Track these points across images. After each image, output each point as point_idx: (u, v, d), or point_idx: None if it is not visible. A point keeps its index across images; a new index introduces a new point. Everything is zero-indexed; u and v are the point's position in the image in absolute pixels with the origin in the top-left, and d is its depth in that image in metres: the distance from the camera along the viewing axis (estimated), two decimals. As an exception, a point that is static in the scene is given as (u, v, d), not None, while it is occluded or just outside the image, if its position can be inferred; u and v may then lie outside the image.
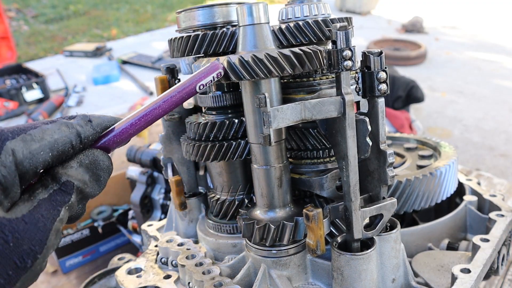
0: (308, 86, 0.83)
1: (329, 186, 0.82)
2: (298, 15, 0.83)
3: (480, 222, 1.09)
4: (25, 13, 9.39)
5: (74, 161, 0.60)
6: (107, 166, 0.64)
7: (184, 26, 0.90)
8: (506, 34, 7.44)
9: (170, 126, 1.03)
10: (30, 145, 0.56)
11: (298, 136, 0.87)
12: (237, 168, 0.95)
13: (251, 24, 0.74)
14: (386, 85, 0.72)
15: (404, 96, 3.67)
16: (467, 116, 4.49)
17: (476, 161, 3.68)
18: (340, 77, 0.71)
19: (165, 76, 0.98)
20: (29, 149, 0.56)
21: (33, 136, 0.57)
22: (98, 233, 1.89)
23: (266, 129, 0.68)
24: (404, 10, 9.08)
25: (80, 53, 6.61)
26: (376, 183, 0.79)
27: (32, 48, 7.56)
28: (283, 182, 0.82)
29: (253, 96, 0.76)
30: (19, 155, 0.55)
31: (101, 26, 8.77)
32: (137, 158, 1.74)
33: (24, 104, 4.70)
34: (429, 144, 1.29)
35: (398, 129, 3.35)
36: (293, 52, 0.71)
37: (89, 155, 0.62)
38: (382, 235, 0.80)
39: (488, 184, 1.88)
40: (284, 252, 0.82)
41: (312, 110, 0.71)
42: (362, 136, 0.74)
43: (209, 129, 0.88)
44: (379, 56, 0.71)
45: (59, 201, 0.58)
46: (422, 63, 6.09)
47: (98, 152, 0.63)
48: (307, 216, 0.73)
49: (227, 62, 0.71)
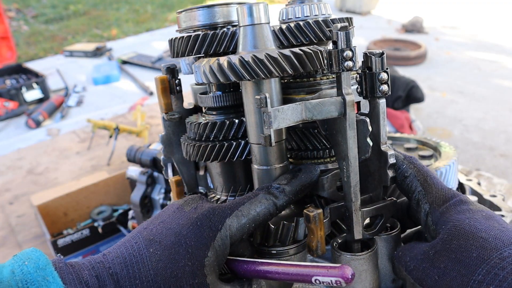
0: (309, 86, 0.83)
1: (329, 187, 0.82)
2: (299, 15, 0.83)
3: (480, 222, 1.09)
4: (25, 13, 9.39)
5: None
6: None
7: (184, 26, 0.90)
8: (506, 34, 7.44)
9: (170, 126, 1.03)
10: (241, 220, 0.70)
11: (298, 136, 0.87)
12: (237, 168, 0.95)
13: (251, 24, 0.74)
14: (387, 86, 0.72)
15: (404, 96, 3.67)
16: (467, 116, 4.49)
17: (476, 161, 3.68)
18: (341, 77, 0.71)
19: (165, 76, 0.98)
20: (240, 223, 0.70)
21: (242, 212, 0.71)
22: (98, 233, 1.89)
23: (267, 129, 0.68)
24: (404, 10, 9.08)
25: (80, 53, 6.60)
26: (377, 184, 0.79)
27: (32, 48, 7.56)
28: (283, 183, 0.82)
29: (253, 97, 0.76)
30: (233, 229, 0.70)
31: (101, 26, 8.77)
32: (137, 158, 1.74)
33: (24, 104, 4.70)
34: (429, 144, 1.29)
35: (398, 129, 3.36)
36: (294, 53, 0.71)
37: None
38: (382, 236, 0.80)
39: (488, 184, 1.88)
40: (284, 252, 0.82)
41: (313, 110, 0.71)
42: (363, 136, 0.74)
43: (209, 129, 0.88)
44: (380, 57, 0.71)
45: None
46: (422, 63, 6.09)
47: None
48: (307, 217, 0.73)
49: (227, 62, 0.71)
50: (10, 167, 2.49)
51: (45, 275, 0.59)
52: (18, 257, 0.62)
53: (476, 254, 0.61)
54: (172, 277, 0.64)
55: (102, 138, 2.62)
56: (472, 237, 0.62)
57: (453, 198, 0.72)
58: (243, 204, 0.72)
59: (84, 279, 0.61)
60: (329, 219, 0.77)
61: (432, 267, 0.65)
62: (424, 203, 0.74)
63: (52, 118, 4.51)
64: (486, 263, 0.59)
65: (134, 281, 0.62)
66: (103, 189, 2.06)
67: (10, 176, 2.39)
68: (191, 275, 0.65)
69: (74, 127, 3.14)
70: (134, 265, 0.64)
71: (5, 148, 3.32)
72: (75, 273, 0.62)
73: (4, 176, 2.40)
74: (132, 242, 0.68)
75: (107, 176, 2.07)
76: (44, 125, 4.31)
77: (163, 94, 0.98)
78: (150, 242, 0.67)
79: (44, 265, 0.60)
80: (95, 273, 0.62)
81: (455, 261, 0.62)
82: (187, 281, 0.65)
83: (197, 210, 0.72)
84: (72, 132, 2.84)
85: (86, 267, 0.63)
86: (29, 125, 4.29)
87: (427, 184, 0.75)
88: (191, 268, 0.65)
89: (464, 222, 0.65)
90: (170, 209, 0.74)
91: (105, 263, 0.64)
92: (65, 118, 4.53)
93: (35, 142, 3.11)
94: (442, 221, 0.69)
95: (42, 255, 0.62)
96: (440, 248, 0.65)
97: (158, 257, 0.65)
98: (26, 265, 0.60)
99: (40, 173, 2.40)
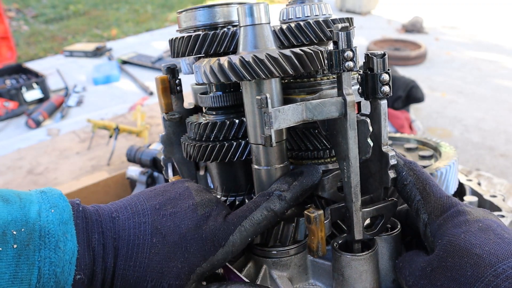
0: (309, 87, 0.83)
1: (330, 188, 0.82)
2: (299, 15, 0.83)
3: (480, 223, 1.09)
4: (25, 13, 9.39)
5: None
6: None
7: (185, 26, 0.90)
8: (506, 34, 7.44)
9: (171, 126, 1.03)
10: (242, 235, 0.73)
11: (298, 136, 0.87)
12: (238, 169, 0.95)
13: (252, 25, 0.73)
14: (389, 87, 0.72)
15: (404, 96, 3.67)
16: (467, 116, 4.49)
17: (476, 161, 3.68)
18: (342, 78, 0.71)
19: (166, 76, 0.98)
20: (242, 238, 0.73)
21: (245, 227, 0.73)
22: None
23: (267, 130, 0.68)
24: (404, 10, 9.07)
25: (80, 53, 6.60)
26: (378, 185, 0.79)
27: (32, 48, 7.56)
28: (284, 183, 0.81)
29: (254, 97, 0.76)
30: (236, 245, 0.73)
31: (101, 26, 8.76)
32: (137, 158, 1.74)
33: (24, 104, 4.69)
34: (430, 145, 1.28)
35: (398, 129, 3.36)
36: (294, 53, 0.71)
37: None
38: (383, 236, 0.80)
39: (488, 184, 1.87)
40: (285, 253, 0.82)
41: (313, 111, 0.71)
42: (363, 137, 0.73)
43: (209, 130, 0.88)
44: (382, 58, 0.71)
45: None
46: (422, 63, 6.09)
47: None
48: (308, 218, 0.73)
49: (228, 62, 0.70)
50: (10, 167, 2.49)
51: (65, 231, 0.63)
52: (46, 198, 0.66)
53: (470, 272, 0.61)
54: (159, 273, 0.67)
55: (102, 138, 2.61)
56: (466, 254, 0.63)
57: (450, 209, 0.72)
58: (245, 218, 0.74)
59: (92, 244, 0.66)
60: (330, 220, 0.77)
61: (430, 284, 0.66)
62: (423, 212, 0.74)
63: (52, 118, 4.51)
64: (481, 281, 0.60)
65: (129, 262, 0.67)
66: (103, 189, 2.06)
67: (10, 176, 2.39)
68: (175, 276, 0.68)
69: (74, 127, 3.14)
70: (134, 248, 0.67)
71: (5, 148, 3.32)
72: (87, 234, 0.66)
73: (4, 176, 2.40)
74: (141, 219, 0.70)
75: (107, 176, 2.06)
76: (44, 125, 4.30)
77: (163, 94, 0.98)
78: (156, 231, 0.69)
79: (67, 219, 0.64)
80: (102, 241, 0.67)
81: (451, 279, 0.63)
82: (168, 280, 0.67)
83: (208, 220, 0.73)
84: (72, 132, 2.84)
85: (97, 229, 0.68)
86: (29, 125, 4.29)
87: (426, 193, 0.75)
88: (179, 270, 0.68)
89: (460, 237, 0.66)
90: (186, 202, 0.75)
91: (112, 232, 0.68)
92: (65, 118, 4.53)
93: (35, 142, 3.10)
94: (439, 234, 0.70)
95: (67, 206, 0.67)
96: (437, 266, 0.66)
97: (157, 250, 0.68)
98: (52, 213, 0.64)
99: (40, 173, 2.39)
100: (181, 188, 0.78)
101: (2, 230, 0.59)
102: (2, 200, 0.63)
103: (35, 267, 0.60)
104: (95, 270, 0.66)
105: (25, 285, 0.59)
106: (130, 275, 0.67)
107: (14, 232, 0.59)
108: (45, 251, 0.61)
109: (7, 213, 0.61)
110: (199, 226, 0.71)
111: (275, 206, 0.75)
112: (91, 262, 0.65)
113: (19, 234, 0.59)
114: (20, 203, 0.64)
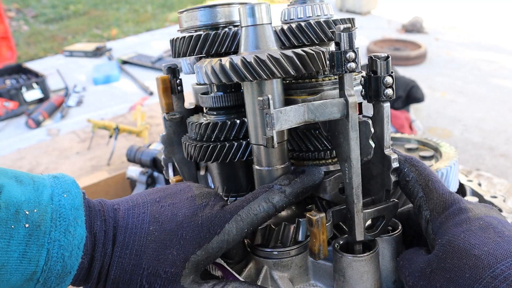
0: (311, 87, 0.83)
1: (332, 189, 0.82)
2: (301, 16, 0.83)
3: (481, 223, 1.09)
4: (25, 13, 9.39)
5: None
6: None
7: (186, 26, 0.89)
8: (506, 34, 7.44)
9: (171, 126, 1.03)
10: (239, 225, 0.72)
11: (299, 137, 0.87)
12: (238, 169, 0.94)
13: (253, 25, 0.73)
14: (392, 90, 0.71)
15: (404, 96, 3.67)
16: (467, 116, 4.49)
17: (476, 161, 3.68)
18: (344, 79, 0.71)
19: (166, 76, 0.98)
20: (238, 228, 0.72)
21: (242, 217, 0.72)
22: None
23: (269, 131, 0.68)
24: (404, 10, 9.08)
25: (80, 53, 6.59)
26: (380, 187, 0.79)
27: (32, 48, 7.55)
28: (285, 184, 0.81)
29: (255, 97, 0.76)
30: (231, 234, 0.72)
31: (101, 26, 8.76)
32: (137, 158, 1.74)
33: (24, 104, 4.69)
34: (430, 145, 1.28)
35: (398, 129, 3.36)
36: (296, 53, 0.71)
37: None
38: (384, 237, 0.80)
39: (488, 184, 1.87)
40: (285, 253, 0.82)
41: (315, 112, 0.71)
42: (365, 138, 0.73)
43: (210, 130, 0.88)
44: (386, 60, 0.71)
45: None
46: (422, 63, 6.09)
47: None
48: (310, 221, 0.73)
49: (229, 62, 0.70)
50: (10, 167, 2.48)
51: (76, 217, 0.64)
52: (58, 184, 0.67)
53: (469, 274, 0.61)
54: (155, 260, 0.68)
55: (102, 138, 2.61)
56: (465, 256, 0.63)
57: (452, 206, 0.72)
58: (242, 207, 0.73)
59: (93, 230, 0.67)
60: (332, 223, 0.77)
61: (429, 285, 0.66)
62: (425, 209, 0.74)
63: (52, 118, 4.51)
64: (479, 283, 0.59)
65: (125, 250, 0.68)
66: (103, 189, 2.06)
67: (10, 176, 2.38)
68: (171, 263, 0.68)
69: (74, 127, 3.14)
70: (131, 236, 0.68)
71: (5, 148, 3.32)
72: (90, 221, 0.68)
73: (4, 176, 2.39)
74: (141, 209, 0.72)
75: (107, 176, 2.06)
76: (44, 125, 4.30)
77: (164, 94, 0.98)
78: (154, 220, 0.70)
79: (78, 206, 0.66)
80: (104, 228, 0.68)
81: (450, 281, 0.63)
82: (164, 268, 0.68)
83: (205, 208, 0.73)
84: (72, 132, 2.83)
85: (100, 216, 0.69)
86: (29, 125, 4.29)
87: (428, 189, 0.75)
88: (174, 257, 0.68)
89: (459, 237, 0.66)
90: (185, 195, 0.76)
91: (114, 220, 0.70)
92: (65, 118, 4.53)
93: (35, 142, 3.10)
94: (440, 233, 0.69)
95: (79, 193, 0.68)
96: (436, 267, 0.66)
97: (153, 237, 0.68)
98: (64, 197, 0.65)
99: (40, 173, 2.39)
100: (183, 185, 0.80)
101: (15, 208, 0.59)
102: (16, 180, 0.63)
103: (44, 248, 0.60)
104: (95, 255, 0.66)
105: (33, 266, 0.60)
106: (126, 263, 0.67)
107: (26, 212, 0.60)
108: (55, 233, 0.61)
109: (21, 193, 0.61)
110: (195, 214, 0.72)
111: (274, 198, 0.74)
112: (92, 247, 0.66)
113: (31, 214, 0.60)
114: (34, 185, 0.64)
